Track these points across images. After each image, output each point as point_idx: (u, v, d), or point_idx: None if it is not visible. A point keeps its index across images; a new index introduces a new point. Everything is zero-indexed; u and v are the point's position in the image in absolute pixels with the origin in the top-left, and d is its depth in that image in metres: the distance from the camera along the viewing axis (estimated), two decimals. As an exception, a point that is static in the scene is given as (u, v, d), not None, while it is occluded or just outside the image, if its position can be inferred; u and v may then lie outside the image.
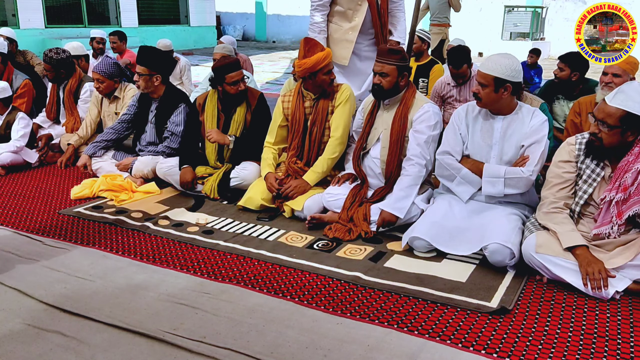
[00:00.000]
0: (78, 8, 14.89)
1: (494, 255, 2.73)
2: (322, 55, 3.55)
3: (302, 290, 2.60)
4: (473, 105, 3.19)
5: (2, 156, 4.45)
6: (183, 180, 3.90)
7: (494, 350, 2.12)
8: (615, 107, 2.49)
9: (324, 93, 3.69)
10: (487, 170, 3.03)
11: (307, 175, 3.61)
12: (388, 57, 3.27)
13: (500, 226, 2.83)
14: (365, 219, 3.26)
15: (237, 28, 22.49)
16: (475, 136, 3.12)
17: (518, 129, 3.01)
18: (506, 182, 2.97)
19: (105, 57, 4.69)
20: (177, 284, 2.66)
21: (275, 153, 3.83)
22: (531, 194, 3.13)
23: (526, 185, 2.97)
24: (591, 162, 2.68)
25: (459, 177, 3.11)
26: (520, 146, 3.01)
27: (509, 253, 2.71)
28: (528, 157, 2.98)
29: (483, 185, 3.04)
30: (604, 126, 2.53)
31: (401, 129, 3.33)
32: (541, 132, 2.97)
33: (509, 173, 2.97)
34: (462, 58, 4.54)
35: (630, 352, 2.13)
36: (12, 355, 2.10)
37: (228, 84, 3.86)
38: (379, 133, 3.43)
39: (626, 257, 2.54)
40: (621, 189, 2.54)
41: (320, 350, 2.13)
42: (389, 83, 3.29)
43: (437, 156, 3.20)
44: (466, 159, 3.15)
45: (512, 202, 3.10)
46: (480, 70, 2.98)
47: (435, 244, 2.92)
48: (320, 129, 3.70)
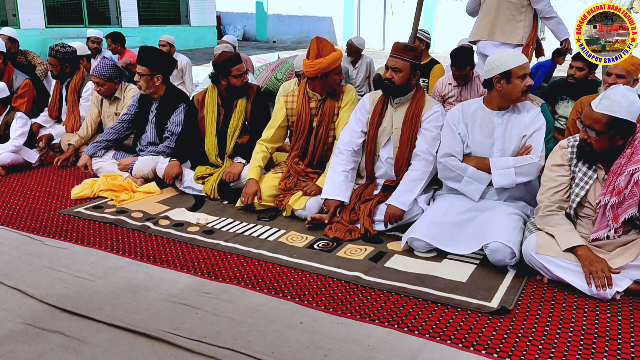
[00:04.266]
0: (78, 8, 14.90)
1: (495, 254, 2.74)
2: (336, 55, 3.55)
3: (303, 290, 2.60)
4: (468, 104, 3.23)
5: (3, 156, 4.46)
6: (168, 173, 3.91)
7: (494, 351, 2.12)
8: (601, 113, 2.49)
9: (332, 93, 3.69)
10: (494, 164, 3.04)
11: (320, 181, 3.58)
12: (403, 53, 3.25)
13: (501, 225, 2.83)
14: (369, 215, 3.25)
15: (237, 28, 22.49)
16: (476, 133, 3.12)
17: (518, 121, 3.07)
18: (517, 170, 3.00)
19: (103, 58, 4.68)
20: (178, 283, 2.66)
21: (266, 152, 3.81)
22: (534, 185, 3.12)
23: (536, 170, 3.00)
24: (583, 165, 2.68)
25: (466, 176, 3.10)
26: (522, 137, 3.05)
27: (509, 252, 2.71)
28: (530, 146, 3.02)
29: (494, 178, 3.03)
30: (592, 132, 2.53)
31: (413, 129, 3.33)
32: (540, 121, 3.07)
33: (518, 162, 3.00)
34: (465, 60, 4.52)
35: (631, 352, 2.13)
36: (12, 355, 2.10)
37: (234, 77, 3.90)
38: (389, 133, 3.41)
39: (627, 257, 2.54)
40: (615, 192, 2.54)
41: (320, 350, 2.13)
42: (401, 79, 3.27)
43: (440, 159, 3.19)
44: (468, 158, 3.15)
45: (516, 199, 3.12)
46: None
47: (434, 244, 2.92)
48: (326, 130, 3.69)
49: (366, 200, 3.36)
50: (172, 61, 4.46)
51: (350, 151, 3.45)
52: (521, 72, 2.96)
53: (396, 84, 3.28)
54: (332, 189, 3.39)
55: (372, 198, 3.36)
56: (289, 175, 3.71)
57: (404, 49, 3.27)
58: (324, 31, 20.35)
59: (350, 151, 3.45)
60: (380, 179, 3.51)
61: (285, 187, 3.63)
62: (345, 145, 3.46)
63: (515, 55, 3.05)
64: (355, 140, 3.45)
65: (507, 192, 3.10)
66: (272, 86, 7.34)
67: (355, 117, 3.50)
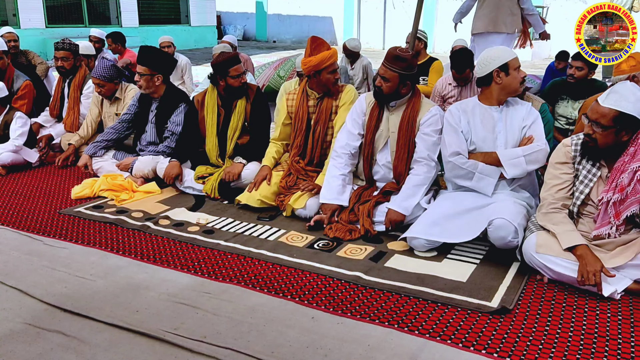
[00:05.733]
0: (79, 8, 14.90)
1: (498, 230, 2.77)
2: (327, 54, 3.55)
3: (303, 290, 2.60)
4: (465, 103, 3.27)
5: (3, 156, 4.46)
6: (168, 174, 3.92)
7: (494, 350, 2.13)
8: (609, 108, 2.49)
9: (328, 92, 3.70)
10: (503, 156, 3.07)
11: (319, 179, 3.59)
12: (392, 63, 3.22)
13: (506, 205, 2.93)
14: (369, 215, 3.25)
15: (237, 28, 22.50)
16: (478, 129, 3.14)
17: (516, 113, 3.13)
18: (526, 159, 3.05)
19: (102, 59, 4.67)
20: (178, 283, 2.66)
21: (279, 147, 3.93)
22: (532, 177, 3.20)
23: (544, 156, 3.07)
24: (587, 163, 2.68)
25: (477, 172, 3.10)
26: (522, 128, 3.11)
27: (513, 230, 2.75)
28: (532, 136, 3.08)
29: (507, 169, 3.05)
30: (598, 127, 2.53)
31: (409, 133, 3.31)
32: (534, 113, 3.15)
33: (527, 150, 3.06)
34: (465, 62, 4.52)
35: (631, 352, 2.13)
36: (12, 355, 2.10)
37: (232, 77, 3.91)
38: (386, 137, 3.40)
39: (626, 256, 2.54)
40: (618, 189, 2.54)
41: (320, 350, 2.14)
42: (388, 88, 3.26)
43: (450, 159, 3.16)
44: (474, 154, 3.16)
45: (521, 188, 3.16)
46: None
47: (435, 238, 2.92)
48: (324, 128, 3.70)
49: (365, 202, 3.36)
50: (173, 61, 4.46)
51: (347, 154, 3.44)
52: (517, 63, 3.08)
53: (384, 92, 3.28)
54: (329, 193, 3.39)
55: (371, 199, 3.36)
56: (290, 173, 3.72)
57: (393, 59, 3.22)
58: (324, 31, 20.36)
59: (347, 154, 3.44)
60: (380, 182, 3.50)
61: (285, 185, 3.64)
62: (342, 149, 3.45)
63: (507, 50, 3.15)
64: (352, 143, 3.44)
65: (515, 182, 3.14)
66: (274, 84, 7.35)
67: (351, 118, 3.48)
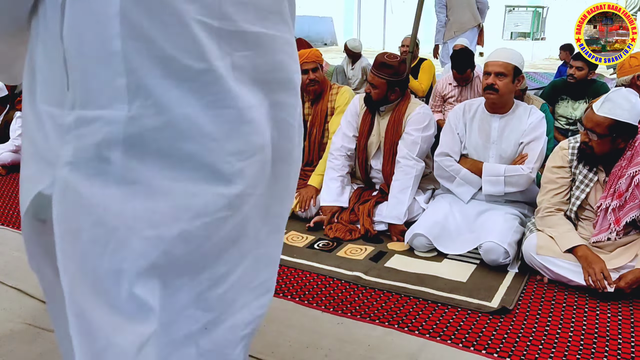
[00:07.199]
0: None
1: (488, 254, 2.75)
2: (299, 54, 3.55)
3: (303, 290, 2.60)
4: (470, 104, 3.20)
5: (3, 156, 4.46)
6: None
7: (494, 350, 2.12)
8: (603, 116, 2.48)
9: (317, 97, 3.70)
10: (486, 169, 3.03)
11: (312, 180, 3.59)
12: (379, 70, 3.21)
13: (496, 226, 2.85)
14: (369, 215, 3.25)
15: (237, 28, 22.49)
16: (473, 135, 3.12)
17: (516, 127, 3.03)
18: (506, 180, 2.98)
19: None
20: (178, 283, 2.66)
21: None
22: (531, 190, 3.10)
23: (526, 182, 2.98)
24: (584, 168, 2.67)
25: (459, 178, 3.11)
26: (519, 144, 3.02)
27: (502, 252, 2.73)
28: (527, 155, 2.99)
29: (483, 184, 3.04)
30: (594, 135, 2.52)
31: (395, 136, 3.30)
32: (539, 129, 3.00)
33: (509, 171, 2.98)
34: (466, 63, 4.51)
35: (631, 353, 2.13)
36: (12, 354, 2.10)
37: None
38: (377, 142, 3.39)
39: (626, 257, 2.54)
40: (616, 195, 2.54)
41: (320, 350, 2.13)
42: (377, 95, 3.25)
43: (436, 158, 3.19)
44: (465, 159, 3.15)
45: (513, 201, 3.11)
46: (500, 60, 2.94)
47: (435, 244, 2.93)
48: (320, 130, 3.71)
49: (365, 201, 3.37)
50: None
51: (343, 156, 3.44)
52: (485, 68, 3.01)
53: (373, 98, 3.28)
54: (329, 195, 3.39)
55: (371, 199, 3.36)
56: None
57: (380, 66, 3.21)
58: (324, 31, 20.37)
59: (343, 156, 3.44)
60: (379, 186, 3.50)
61: None
62: (338, 151, 3.44)
63: (491, 56, 3.06)
64: (348, 145, 3.44)
65: (497, 196, 3.08)
66: None
67: (346, 120, 3.47)
